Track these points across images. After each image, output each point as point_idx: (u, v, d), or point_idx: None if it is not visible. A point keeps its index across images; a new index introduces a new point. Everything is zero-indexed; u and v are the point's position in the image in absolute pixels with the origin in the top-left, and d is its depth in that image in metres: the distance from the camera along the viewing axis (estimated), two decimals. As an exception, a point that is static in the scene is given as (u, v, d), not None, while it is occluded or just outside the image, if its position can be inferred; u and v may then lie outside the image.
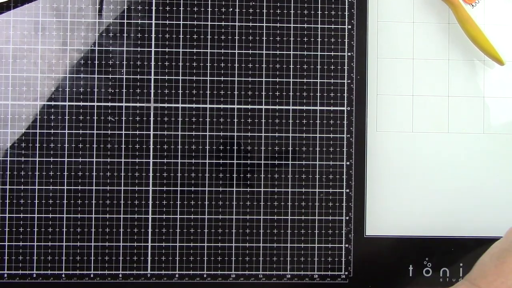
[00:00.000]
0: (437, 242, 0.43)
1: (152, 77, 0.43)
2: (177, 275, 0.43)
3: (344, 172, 0.43)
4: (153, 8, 0.43)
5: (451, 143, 0.44)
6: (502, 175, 0.44)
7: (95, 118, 0.43)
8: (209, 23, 0.43)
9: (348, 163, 0.43)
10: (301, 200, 0.43)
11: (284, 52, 0.43)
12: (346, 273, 0.43)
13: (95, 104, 0.43)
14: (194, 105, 0.43)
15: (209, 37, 0.43)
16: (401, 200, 0.44)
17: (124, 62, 0.43)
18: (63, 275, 0.42)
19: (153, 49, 0.43)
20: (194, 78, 0.43)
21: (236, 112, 0.43)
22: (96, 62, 0.43)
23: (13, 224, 0.42)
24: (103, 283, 0.42)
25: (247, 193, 0.43)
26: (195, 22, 0.43)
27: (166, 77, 0.43)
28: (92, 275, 0.42)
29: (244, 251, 0.43)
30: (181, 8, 0.43)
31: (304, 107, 0.43)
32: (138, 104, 0.43)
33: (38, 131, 0.42)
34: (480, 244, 0.44)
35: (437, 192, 0.44)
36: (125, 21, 0.43)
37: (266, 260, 0.43)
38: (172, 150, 0.43)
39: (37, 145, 0.42)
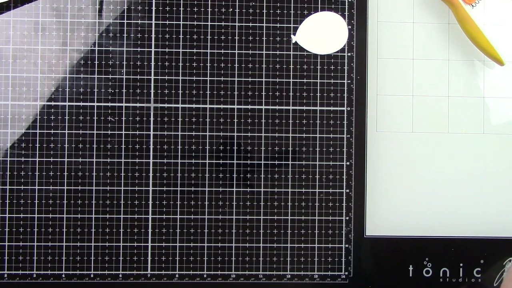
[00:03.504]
0: (437, 242, 0.43)
1: (152, 77, 0.43)
2: (177, 275, 0.43)
3: (344, 172, 0.43)
4: (153, 8, 0.43)
5: (451, 143, 0.44)
6: (502, 175, 0.44)
7: (95, 118, 0.43)
8: (209, 23, 0.43)
9: (348, 163, 0.43)
10: (301, 200, 0.43)
11: (284, 52, 0.43)
12: (346, 273, 0.43)
13: (95, 104, 0.43)
14: (194, 105, 0.43)
15: (209, 37, 0.43)
16: (401, 200, 0.44)
17: (124, 62, 0.43)
18: (63, 275, 0.42)
19: (153, 49, 0.43)
20: (194, 78, 0.43)
21: (236, 112, 0.43)
22: (96, 62, 0.43)
23: (13, 224, 0.42)
24: (103, 283, 0.42)
25: (247, 193, 0.43)
26: (195, 22, 0.43)
27: (166, 77, 0.43)
28: (92, 275, 0.42)
29: (244, 251, 0.43)
30: (181, 8, 0.43)
31: (304, 107, 0.43)
32: (138, 104, 0.43)
33: (38, 131, 0.42)
34: (481, 244, 0.44)
35: (437, 192, 0.44)
36: (125, 21, 0.43)
37: (266, 260, 0.43)
38: (172, 150, 0.43)
39: (37, 145, 0.42)
